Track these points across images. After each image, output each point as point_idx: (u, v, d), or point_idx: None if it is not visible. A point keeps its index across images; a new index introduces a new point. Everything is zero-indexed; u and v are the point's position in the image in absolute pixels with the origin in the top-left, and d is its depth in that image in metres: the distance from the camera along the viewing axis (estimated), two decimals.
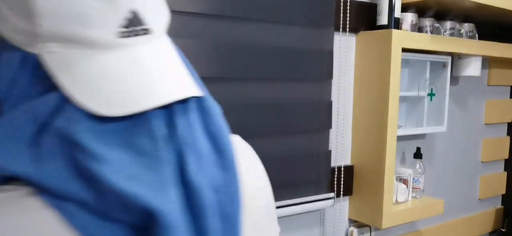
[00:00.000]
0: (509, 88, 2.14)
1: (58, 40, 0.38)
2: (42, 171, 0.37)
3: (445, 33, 1.60)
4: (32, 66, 0.39)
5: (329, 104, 1.41)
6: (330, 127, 1.42)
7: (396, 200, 1.54)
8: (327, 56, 1.38)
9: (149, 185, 0.38)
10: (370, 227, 1.59)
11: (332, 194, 1.42)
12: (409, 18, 1.47)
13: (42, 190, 0.37)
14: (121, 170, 0.38)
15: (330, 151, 1.44)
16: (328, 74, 1.39)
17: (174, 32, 0.72)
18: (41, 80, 0.38)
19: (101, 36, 0.39)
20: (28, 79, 0.39)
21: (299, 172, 1.35)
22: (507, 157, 2.16)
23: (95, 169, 0.37)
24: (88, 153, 0.37)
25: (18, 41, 0.39)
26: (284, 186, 1.32)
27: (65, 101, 0.38)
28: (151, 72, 0.40)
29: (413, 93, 1.60)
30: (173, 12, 0.73)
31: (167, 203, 0.38)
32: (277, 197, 1.09)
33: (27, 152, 0.37)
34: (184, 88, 0.41)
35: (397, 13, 1.43)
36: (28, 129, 0.37)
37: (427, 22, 1.53)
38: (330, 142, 1.44)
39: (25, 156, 0.37)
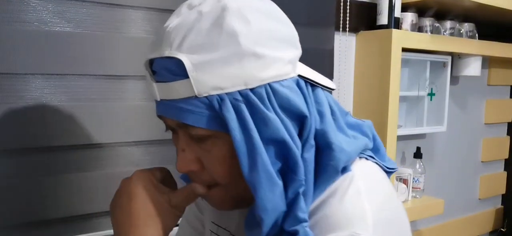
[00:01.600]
0: (509, 88, 2.14)
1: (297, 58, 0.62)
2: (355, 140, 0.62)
3: (445, 33, 1.59)
4: (301, 83, 0.59)
5: None
6: None
7: None
8: (327, 56, 1.38)
9: None
10: None
11: None
12: (409, 18, 1.47)
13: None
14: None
15: None
16: (328, 74, 1.39)
17: None
18: (306, 87, 0.60)
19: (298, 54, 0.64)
20: (306, 92, 0.59)
21: None
22: (507, 157, 2.17)
23: (354, 120, 0.67)
24: (345, 113, 0.66)
25: (286, 72, 0.57)
26: None
27: (323, 89, 0.62)
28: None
29: (413, 93, 1.60)
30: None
31: None
32: None
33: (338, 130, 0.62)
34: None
35: (397, 13, 1.43)
36: (330, 117, 0.61)
37: (427, 22, 1.53)
38: None
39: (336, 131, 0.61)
